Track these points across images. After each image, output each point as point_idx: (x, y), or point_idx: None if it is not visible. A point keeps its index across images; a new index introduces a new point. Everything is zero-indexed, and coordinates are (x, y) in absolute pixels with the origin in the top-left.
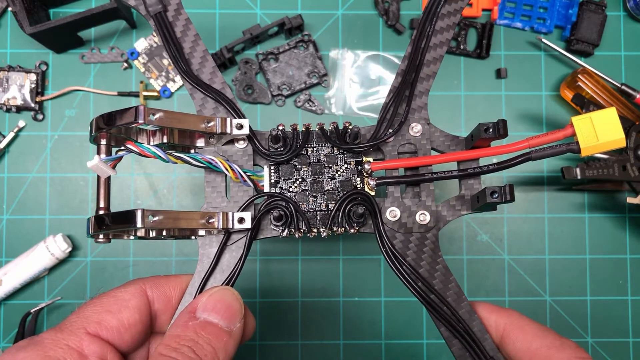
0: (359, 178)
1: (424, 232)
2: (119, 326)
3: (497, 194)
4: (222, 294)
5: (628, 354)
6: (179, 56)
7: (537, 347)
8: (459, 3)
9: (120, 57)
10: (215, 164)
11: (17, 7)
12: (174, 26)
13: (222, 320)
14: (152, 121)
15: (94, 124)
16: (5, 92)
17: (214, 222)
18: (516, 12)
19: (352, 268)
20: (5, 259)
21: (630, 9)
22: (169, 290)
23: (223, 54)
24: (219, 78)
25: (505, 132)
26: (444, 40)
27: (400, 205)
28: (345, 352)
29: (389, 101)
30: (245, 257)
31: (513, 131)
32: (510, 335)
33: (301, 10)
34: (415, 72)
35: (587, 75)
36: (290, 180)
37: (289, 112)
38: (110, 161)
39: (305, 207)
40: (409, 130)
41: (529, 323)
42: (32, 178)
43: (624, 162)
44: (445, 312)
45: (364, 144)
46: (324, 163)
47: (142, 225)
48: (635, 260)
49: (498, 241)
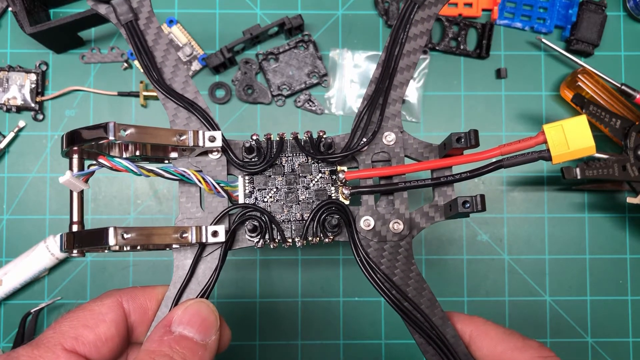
0: (334, 187)
1: (397, 240)
2: (96, 340)
3: (468, 204)
4: (198, 307)
5: (628, 354)
6: (151, 65)
7: (501, 351)
8: (432, 9)
9: (120, 57)
10: (188, 176)
11: (17, 7)
12: (145, 35)
13: (197, 334)
14: (122, 137)
15: (64, 140)
16: (5, 92)
17: (188, 237)
18: (516, 12)
19: (352, 268)
20: (6, 259)
21: (630, 9)
22: (145, 302)
23: (223, 54)
24: (192, 87)
25: (476, 142)
26: (417, 47)
27: (374, 214)
28: (345, 352)
29: (362, 109)
30: (220, 268)
31: (513, 131)
32: (476, 342)
33: (301, 10)
34: (388, 79)
35: (587, 75)
36: (265, 191)
37: (289, 112)
38: (82, 176)
39: (280, 217)
40: (383, 139)
41: (493, 328)
42: (32, 178)
43: (624, 162)
44: (419, 319)
45: (337, 154)
46: (298, 173)
47: (115, 243)
48: (635, 260)
49: (498, 241)
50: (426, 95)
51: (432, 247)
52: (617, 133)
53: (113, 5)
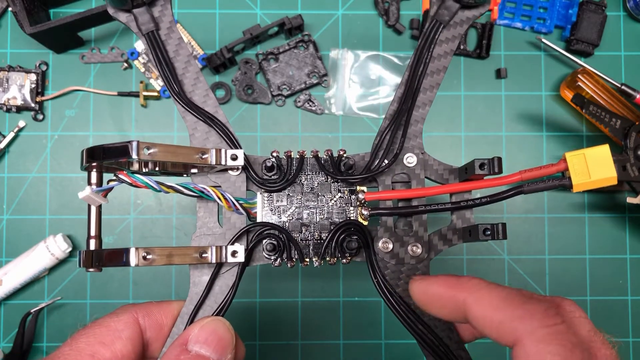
0: (352, 208)
1: (415, 263)
2: (112, 358)
3: (489, 232)
4: (215, 325)
5: (628, 354)
6: (171, 76)
7: (499, 322)
8: (457, 29)
9: (120, 57)
10: (207, 193)
11: (17, 7)
12: (166, 45)
13: (213, 353)
14: (145, 156)
15: (85, 155)
16: (5, 92)
17: (207, 257)
18: (516, 12)
19: (353, 268)
20: (6, 259)
21: (630, 9)
22: (161, 318)
23: (223, 54)
24: (213, 101)
25: (500, 169)
26: (441, 68)
27: (393, 235)
28: (345, 352)
29: (384, 129)
30: (237, 286)
31: (513, 131)
32: (471, 313)
33: (301, 10)
34: (412, 99)
35: (587, 75)
36: (283, 209)
37: (289, 112)
38: (102, 191)
39: (298, 237)
40: (404, 160)
41: (488, 292)
42: (32, 178)
43: (624, 162)
44: (434, 343)
45: (357, 175)
46: (317, 192)
47: (136, 264)
48: (635, 260)
49: (498, 241)
50: None
51: None
52: (617, 133)
53: (134, 13)
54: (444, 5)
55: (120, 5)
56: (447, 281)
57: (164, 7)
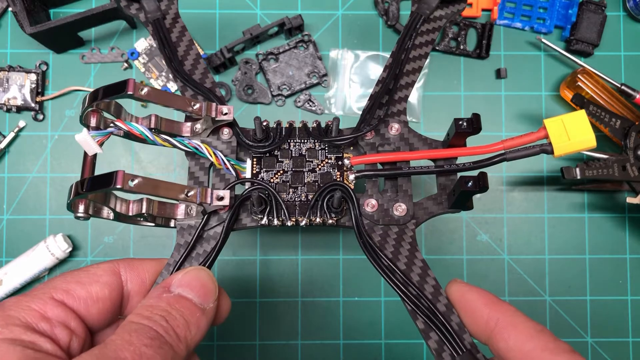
0: (339, 172)
1: (401, 224)
2: (87, 297)
3: (471, 182)
4: (197, 272)
5: (628, 354)
6: (173, 57)
7: (530, 349)
8: (437, 22)
9: (121, 57)
10: (200, 149)
11: (17, 7)
12: (170, 32)
13: (196, 297)
14: (141, 95)
15: (87, 99)
16: (5, 92)
17: (193, 196)
18: (516, 12)
19: (353, 268)
20: (6, 259)
21: (630, 9)
22: (143, 273)
23: (223, 54)
24: (210, 79)
25: (478, 125)
26: (423, 54)
27: (379, 198)
28: (345, 352)
29: (368, 105)
30: (223, 241)
31: (513, 131)
32: (502, 332)
33: (301, 11)
34: (394, 80)
35: (586, 75)
36: (272, 172)
37: (289, 112)
38: (99, 137)
39: (285, 197)
40: (389, 130)
41: (523, 321)
42: (32, 178)
43: (624, 162)
44: (423, 305)
45: (342, 137)
46: (305, 157)
47: (122, 186)
48: (635, 260)
49: (498, 241)
50: (426, 95)
51: (432, 247)
52: (617, 133)
53: (143, 4)
54: (425, 0)
55: None
56: (487, 296)
57: (171, 1)
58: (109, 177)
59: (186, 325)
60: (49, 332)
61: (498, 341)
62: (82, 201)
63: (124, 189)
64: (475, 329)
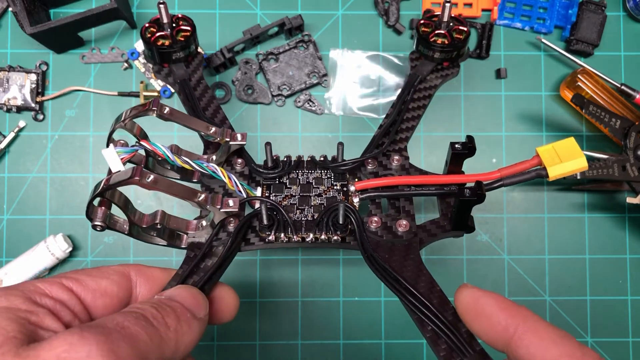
0: (344, 197)
1: (405, 239)
2: (95, 289)
3: (469, 191)
4: (188, 287)
5: (628, 354)
6: (196, 107)
7: (554, 356)
8: (433, 82)
9: (121, 57)
10: (216, 172)
11: (17, 8)
12: (195, 90)
13: (186, 302)
14: (163, 114)
15: (117, 117)
16: (5, 92)
17: (204, 199)
18: (516, 12)
19: (353, 268)
20: (6, 258)
21: (630, 9)
22: (151, 280)
23: (223, 54)
24: (227, 124)
25: (473, 146)
26: (422, 105)
27: (381, 217)
28: (345, 352)
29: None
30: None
31: (513, 131)
32: (523, 339)
33: (301, 11)
34: (394, 123)
35: (586, 75)
36: (281, 196)
37: (289, 112)
38: (124, 154)
39: (292, 217)
40: (390, 162)
41: (545, 327)
42: (32, 178)
43: (624, 162)
44: (433, 321)
45: (345, 161)
46: (312, 184)
47: (140, 179)
48: (635, 260)
49: (498, 241)
50: None
51: (432, 247)
52: (617, 133)
53: (172, 68)
54: (422, 63)
55: (163, 62)
56: (503, 301)
57: (197, 67)
58: (128, 172)
59: (176, 318)
60: (51, 307)
61: (518, 347)
62: (101, 210)
63: (142, 183)
64: (492, 336)
